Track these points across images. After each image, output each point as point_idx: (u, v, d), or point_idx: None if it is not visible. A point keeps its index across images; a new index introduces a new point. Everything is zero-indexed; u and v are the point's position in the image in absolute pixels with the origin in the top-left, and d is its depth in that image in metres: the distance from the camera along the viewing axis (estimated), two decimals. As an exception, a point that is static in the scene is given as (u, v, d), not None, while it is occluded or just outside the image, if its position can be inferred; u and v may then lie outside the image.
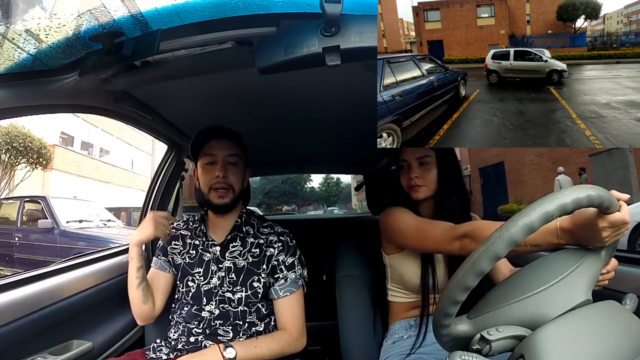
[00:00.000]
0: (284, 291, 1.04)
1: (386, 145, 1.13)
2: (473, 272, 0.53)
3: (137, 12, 0.72)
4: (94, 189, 12.88)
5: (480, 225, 0.83)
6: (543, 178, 9.71)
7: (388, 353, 1.03)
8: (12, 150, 9.10)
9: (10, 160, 9.23)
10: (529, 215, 0.51)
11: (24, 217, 5.96)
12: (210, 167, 1.03)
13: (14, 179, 9.58)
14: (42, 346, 0.95)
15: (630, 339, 0.53)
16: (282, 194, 13.34)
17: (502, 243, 0.51)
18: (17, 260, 5.68)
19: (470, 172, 12.21)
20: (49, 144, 10.49)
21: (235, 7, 0.70)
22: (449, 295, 0.55)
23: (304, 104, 1.36)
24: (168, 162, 1.59)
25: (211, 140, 1.05)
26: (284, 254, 1.06)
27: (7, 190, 9.39)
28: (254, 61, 0.70)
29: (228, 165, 1.04)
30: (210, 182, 1.02)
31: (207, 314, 1.02)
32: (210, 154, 1.04)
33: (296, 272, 1.06)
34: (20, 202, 6.08)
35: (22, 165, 9.55)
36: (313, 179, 13.24)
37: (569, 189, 0.54)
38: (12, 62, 0.78)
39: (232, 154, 1.04)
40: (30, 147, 9.38)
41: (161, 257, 1.12)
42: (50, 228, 5.41)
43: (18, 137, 9.15)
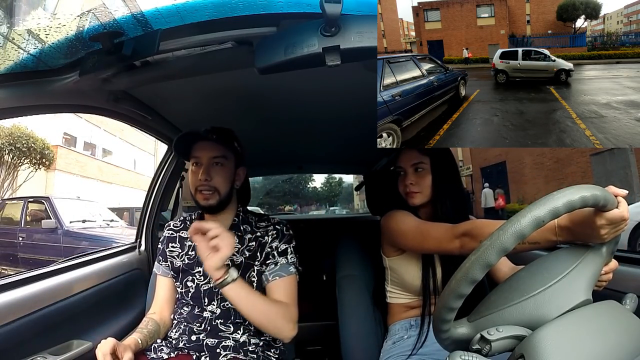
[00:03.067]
0: (273, 275, 1.01)
1: (386, 145, 1.13)
2: (466, 281, 0.53)
3: (138, 12, 0.72)
4: (96, 189, 12.90)
5: (479, 224, 0.83)
6: (545, 178, 9.73)
7: (389, 354, 1.03)
8: (15, 151, 9.19)
9: (14, 160, 9.32)
10: (519, 222, 0.51)
11: (28, 217, 6.01)
12: (195, 169, 1.04)
13: (17, 179, 9.65)
14: (42, 346, 0.95)
15: (630, 339, 0.53)
16: (285, 193, 13.34)
17: (493, 251, 0.51)
18: (20, 260, 5.71)
19: (473, 172, 12.24)
20: (52, 145, 10.60)
21: (235, 7, 0.70)
22: (445, 303, 0.55)
23: (303, 104, 1.36)
24: (168, 162, 1.59)
25: (197, 142, 1.05)
26: (277, 241, 1.05)
27: (10, 191, 9.47)
28: (254, 61, 0.70)
29: (213, 167, 1.03)
30: (195, 184, 1.03)
31: (209, 314, 1.02)
32: (195, 156, 1.04)
33: (288, 259, 1.04)
34: (24, 202, 6.13)
35: (25, 165, 9.65)
36: (315, 179, 13.26)
37: (561, 190, 0.53)
38: (13, 62, 0.78)
39: (217, 155, 1.04)
40: (33, 148, 9.48)
41: (162, 262, 1.12)
42: (54, 228, 5.45)
43: (21, 138, 9.24)
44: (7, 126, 9.19)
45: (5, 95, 0.80)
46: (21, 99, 0.84)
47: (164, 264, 1.12)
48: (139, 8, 0.70)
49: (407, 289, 1.06)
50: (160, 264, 1.13)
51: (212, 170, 1.03)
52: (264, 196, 11.38)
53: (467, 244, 0.82)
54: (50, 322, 0.99)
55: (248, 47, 0.76)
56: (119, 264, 1.37)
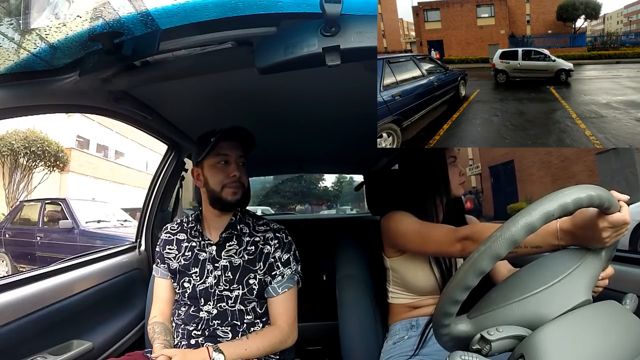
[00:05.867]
0: (282, 288, 1.05)
1: (386, 145, 1.13)
2: (473, 272, 0.53)
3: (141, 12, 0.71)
4: (109, 190, 13.05)
5: (481, 228, 0.83)
6: (552, 176, 9.65)
7: (389, 354, 1.02)
8: (31, 154, 9.64)
9: (29, 163, 9.79)
10: (530, 214, 0.51)
11: (45, 218, 6.28)
12: (223, 166, 1.06)
13: (32, 181, 10.07)
14: (42, 346, 0.96)
15: (630, 339, 0.53)
16: (295, 193, 13.37)
17: (503, 242, 0.51)
18: (39, 259, 5.91)
19: (481, 171, 12.32)
20: (66, 147, 11.00)
21: (235, 7, 0.70)
22: (450, 295, 0.55)
23: (303, 104, 1.36)
24: (168, 162, 1.59)
25: (225, 140, 1.07)
26: (280, 251, 1.07)
27: (26, 192, 9.91)
28: (254, 61, 0.70)
29: (240, 165, 1.08)
30: (223, 180, 1.05)
31: (205, 314, 1.03)
32: (223, 154, 1.06)
33: (292, 268, 1.08)
34: (41, 204, 6.39)
35: (40, 168, 10.07)
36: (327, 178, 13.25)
37: (569, 188, 0.54)
38: (13, 62, 0.78)
39: (242, 154, 1.09)
40: (47, 151, 9.92)
41: (160, 264, 1.13)
42: (71, 228, 5.74)
43: (36, 142, 9.68)
44: (22, 130, 9.64)
45: (5, 95, 0.80)
46: (21, 99, 0.84)
47: (162, 266, 1.12)
48: (144, 7, 0.70)
49: (410, 289, 1.06)
50: (158, 266, 1.13)
51: (240, 168, 1.07)
52: (274, 196, 11.41)
53: (469, 247, 0.82)
54: (51, 322, 0.99)
55: (248, 47, 0.76)
56: (119, 264, 1.37)
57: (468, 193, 11.57)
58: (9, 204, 9.59)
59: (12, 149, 9.51)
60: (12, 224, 6.59)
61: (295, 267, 1.08)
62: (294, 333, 1.05)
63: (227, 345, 0.96)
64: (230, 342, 0.98)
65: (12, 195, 9.80)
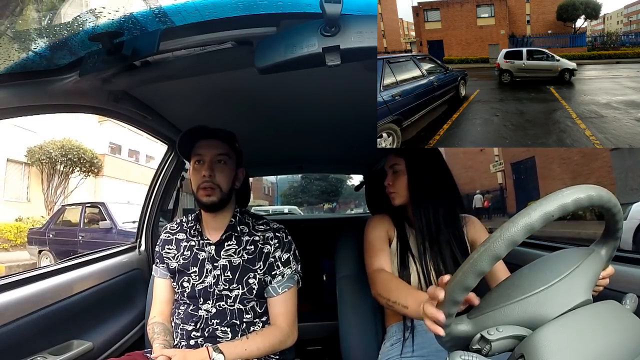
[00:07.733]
0: (282, 288, 1.05)
1: (386, 145, 1.13)
2: (473, 272, 0.53)
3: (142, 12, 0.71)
4: (141, 192, 13.31)
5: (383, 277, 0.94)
6: (572, 173, 9.56)
7: (387, 355, 1.02)
8: (67, 162, 10.63)
9: (66, 169, 10.76)
10: (530, 215, 0.51)
11: (85, 220, 6.90)
12: (198, 166, 1.05)
13: (68, 186, 11.06)
14: (42, 346, 0.96)
15: (630, 339, 0.53)
16: (323, 192, 13.44)
17: (503, 243, 0.51)
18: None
19: (504, 168, 12.40)
20: (99, 154, 12.00)
21: (235, 7, 0.70)
22: (449, 295, 0.55)
23: (303, 104, 1.36)
24: (168, 162, 1.59)
25: (200, 140, 1.06)
26: (280, 250, 1.07)
27: (63, 196, 10.83)
28: (254, 61, 0.70)
29: (216, 165, 1.04)
30: (198, 181, 1.04)
31: (204, 313, 1.03)
32: (198, 154, 1.05)
33: (292, 268, 1.07)
34: (82, 207, 7.07)
35: (76, 173, 11.05)
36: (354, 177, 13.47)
37: (569, 188, 0.54)
38: (13, 61, 0.78)
39: (220, 153, 1.05)
40: (83, 158, 10.90)
41: (159, 264, 1.13)
42: (109, 228, 6.27)
43: (72, 150, 10.67)
44: (59, 139, 10.63)
45: (5, 95, 0.80)
46: (21, 99, 0.84)
47: (161, 266, 1.12)
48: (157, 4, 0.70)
49: None
50: (157, 266, 1.13)
51: (215, 168, 1.04)
52: (302, 194, 11.35)
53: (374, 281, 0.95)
54: (51, 322, 0.99)
55: (248, 47, 0.76)
56: (119, 264, 1.37)
57: (486, 192, 12.24)
58: (47, 207, 10.47)
59: (50, 157, 10.41)
60: (55, 225, 7.19)
61: (295, 267, 1.08)
62: (294, 333, 1.05)
63: (227, 345, 0.96)
64: (230, 342, 0.98)
65: (51, 200, 10.68)
